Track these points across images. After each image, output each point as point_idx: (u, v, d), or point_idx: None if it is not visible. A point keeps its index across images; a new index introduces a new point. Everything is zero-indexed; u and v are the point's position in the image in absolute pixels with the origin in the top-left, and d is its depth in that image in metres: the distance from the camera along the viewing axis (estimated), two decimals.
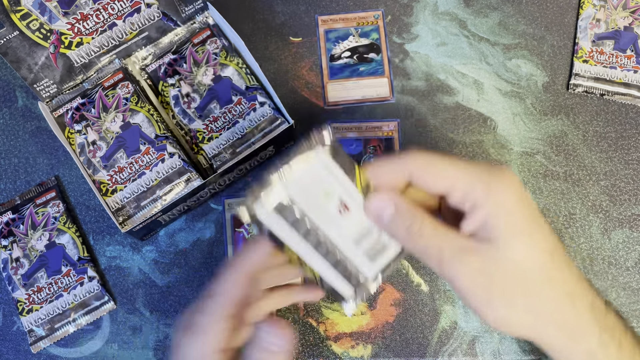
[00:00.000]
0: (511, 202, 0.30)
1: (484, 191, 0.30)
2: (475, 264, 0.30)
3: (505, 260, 0.30)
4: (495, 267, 0.30)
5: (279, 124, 0.47)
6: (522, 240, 0.30)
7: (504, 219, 0.30)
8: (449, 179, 0.31)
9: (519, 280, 0.30)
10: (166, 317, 0.45)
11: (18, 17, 0.44)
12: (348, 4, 0.55)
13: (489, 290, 0.30)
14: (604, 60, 0.51)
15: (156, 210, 0.45)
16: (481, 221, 0.30)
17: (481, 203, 0.30)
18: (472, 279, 0.30)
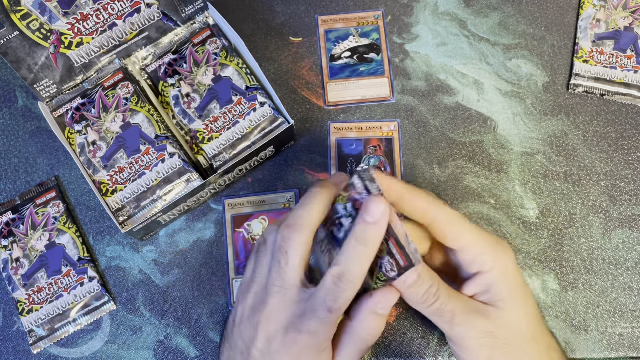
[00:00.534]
0: (511, 271, 0.36)
1: (492, 259, 0.35)
2: (482, 325, 0.35)
3: (506, 320, 0.35)
4: (497, 327, 0.35)
5: (279, 124, 0.47)
6: (519, 304, 0.36)
7: (508, 285, 0.35)
8: (466, 239, 0.35)
9: (515, 338, 0.35)
10: (166, 317, 0.45)
11: (18, 17, 0.44)
12: (348, 4, 0.55)
13: (492, 347, 0.35)
14: (604, 60, 0.51)
15: (156, 210, 0.45)
16: (487, 285, 0.35)
17: (488, 268, 0.35)
18: (478, 338, 0.35)
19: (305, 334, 0.33)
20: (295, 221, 0.34)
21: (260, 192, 0.49)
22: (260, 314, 0.34)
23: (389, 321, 0.45)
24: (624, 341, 0.44)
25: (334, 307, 0.32)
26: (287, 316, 0.33)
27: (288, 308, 0.33)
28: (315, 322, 0.32)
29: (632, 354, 0.44)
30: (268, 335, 0.34)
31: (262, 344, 0.34)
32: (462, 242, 0.35)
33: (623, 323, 0.44)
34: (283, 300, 0.34)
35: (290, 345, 0.33)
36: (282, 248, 0.34)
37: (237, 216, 0.48)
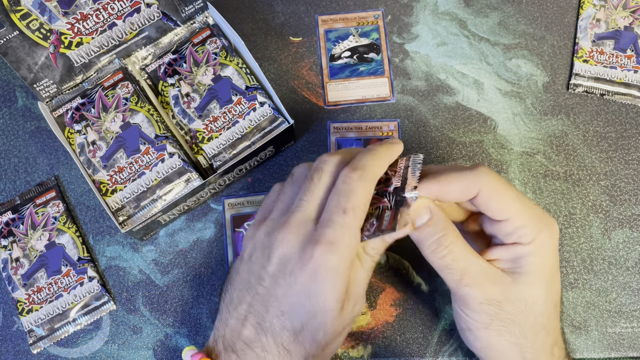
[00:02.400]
0: (548, 251, 0.34)
1: (534, 233, 0.33)
2: (491, 292, 0.33)
3: (520, 295, 0.33)
4: (506, 299, 0.33)
5: (279, 124, 0.47)
6: (542, 286, 0.33)
7: (538, 263, 0.33)
8: (510, 211, 0.33)
9: (522, 317, 0.33)
10: (166, 317, 0.45)
11: (18, 17, 0.44)
12: (348, 4, 0.55)
13: (494, 316, 0.33)
14: (604, 60, 0.51)
15: (156, 210, 0.45)
16: (517, 255, 0.33)
17: (527, 241, 0.33)
18: (483, 303, 0.33)
19: (323, 245, 0.30)
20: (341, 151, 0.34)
21: (260, 192, 0.49)
22: (276, 235, 0.32)
23: (389, 321, 0.45)
24: (624, 341, 0.44)
25: (347, 206, 0.30)
26: (306, 232, 0.31)
27: (308, 225, 0.31)
28: (331, 228, 0.30)
29: (632, 354, 0.44)
30: (283, 256, 0.31)
31: (275, 267, 0.31)
32: (507, 214, 0.33)
33: (623, 323, 0.44)
34: (304, 217, 0.31)
35: (307, 262, 0.30)
36: (319, 168, 0.33)
37: (237, 216, 0.48)
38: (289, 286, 0.31)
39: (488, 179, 0.33)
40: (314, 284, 0.30)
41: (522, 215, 0.33)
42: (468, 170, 0.33)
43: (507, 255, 0.34)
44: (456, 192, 0.33)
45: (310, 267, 0.30)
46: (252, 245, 0.34)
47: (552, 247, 0.34)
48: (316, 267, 0.30)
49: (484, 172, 0.33)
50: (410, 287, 0.46)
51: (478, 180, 0.33)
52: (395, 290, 0.45)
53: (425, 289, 0.45)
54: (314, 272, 0.30)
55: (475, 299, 0.33)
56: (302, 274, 0.30)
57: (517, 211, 0.33)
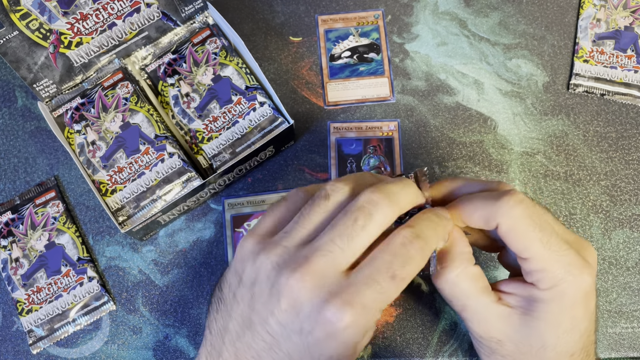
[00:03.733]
0: (570, 302, 0.31)
1: (553, 281, 0.30)
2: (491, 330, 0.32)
3: (525, 338, 0.31)
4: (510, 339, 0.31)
5: (278, 124, 0.47)
6: (554, 335, 0.31)
7: (554, 312, 0.31)
8: (531, 251, 0.30)
9: (526, 357, 0.32)
10: (166, 317, 0.45)
11: (17, 16, 0.43)
12: (348, 4, 0.55)
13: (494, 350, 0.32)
14: (605, 60, 0.51)
15: (156, 210, 0.45)
16: (532, 297, 0.31)
17: (544, 287, 0.31)
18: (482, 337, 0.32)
19: (356, 308, 0.26)
20: (390, 193, 0.28)
21: (260, 192, 0.49)
22: (290, 274, 0.26)
23: (389, 321, 0.45)
24: (624, 341, 0.44)
25: (399, 274, 0.26)
26: (332, 284, 0.26)
27: (336, 276, 0.26)
28: (372, 290, 0.26)
29: (632, 354, 0.43)
30: (296, 304, 0.26)
31: (286, 317, 0.27)
32: (527, 254, 0.30)
33: (623, 323, 0.44)
34: (333, 265, 0.27)
35: (328, 323, 0.26)
36: (367, 210, 0.27)
37: (237, 216, 0.48)
38: (304, 344, 0.27)
39: (510, 213, 0.30)
40: (334, 346, 0.27)
41: (543, 259, 0.30)
42: (492, 199, 0.31)
43: (522, 292, 0.32)
44: (479, 222, 0.31)
45: (328, 330, 0.26)
46: (255, 269, 0.28)
47: (576, 298, 0.30)
48: (339, 330, 0.26)
49: (507, 204, 0.30)
50: (410, 288, 0.45)
51: (498, 213, 0.30)
52: None
53: (425, 289, 0.45)
54: (335, 334, 0.26)
55: (475, 333, 0.32)
56: (320, 332, 0.26)
57: (538, 254, 0.30)
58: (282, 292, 0.27)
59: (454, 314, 0.45)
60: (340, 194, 0.29)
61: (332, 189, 0.29)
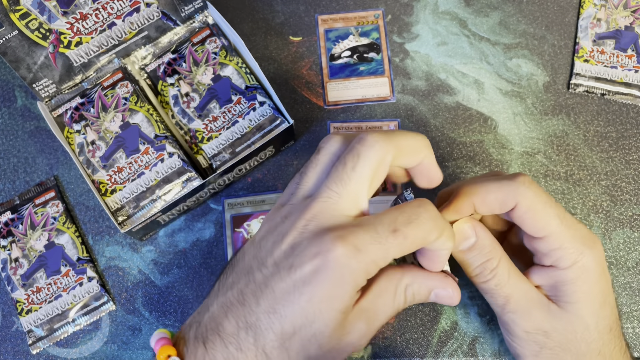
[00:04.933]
0: (594, 277, 0.31)
1: (573, 257, 0.30)
2: (538, 321, 0.31)
3: (568, 325, 0.31)
4: (554, 329, 0.31)
5: (278, 124, 0.47)
6: (591, 313, 0.31)
7: (582, 289, 0.31)
8: (548, 229, 0.30)
9: (572, 345, 0.31)
10: (166, 317, 0.45)
11: (17, 16, 0.43)
12: (348, 3, 0.55)
13: (542, 346, 0.31)
14: (605, 59, 0.51)
15: (155, 210, 0.45)
16: (557, 282, 0.31)
17: (565, 266, 0.31)
18: (529, 332, 0.31)
19: (347, 245, 0.25)
20: (385, 133, 0.28)
21: (260, 192, 0.49)
22: (295, 220, 0.27)
23: (389, 321, 0.45)
24: None
25: (402, 230, 0.25)
26: (333, 224, 0.26)
27: (335, 218, 0.26)
28: (369, 236, 0.25)
29: (633, 354, 0.43)
30: (294, 243, 0.26)
31: (281, 254, 0.26)
32: (544, 232, 0.31)
33: (623, 323, 0.44)
34: (334, 209, 0.26)
35: (319, 255, 0.25)
36: (355, 150, 0.27)
37: (236, 216, 0.48)
38: (291, 280, 0.26)
39: (527, 192, 0.30)
40: (320, 282, 0.25)
41: (560, 235, 0.30)
42: (507, 180, 0.31)
43: (547, 281, 0.32)
44: (493, 205, 0.31)
45: (320, 261, 0.25)
46: (267, 228, 0.29)
47: (598, 271, 0.31)
48: (328, 263, 0.25)
49: (523, 184, 0.30)
50: None
51: (516, 192, 0.30)
52: None
53: None
54: (323, 268, 0.25)
55: (521, 327, 0.32)
56: (310, 264, 0.25)
57: (556, 230, 0.30)
58: (285, 236, 0.27)
59: (454, 314, 0.45)
60: (332, 145, 0.29)
61: (323, 142, 0.30)
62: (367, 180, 0.27)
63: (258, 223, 0.47)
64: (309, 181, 0.29)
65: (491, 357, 0.43)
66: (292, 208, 0.28)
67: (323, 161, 0.29)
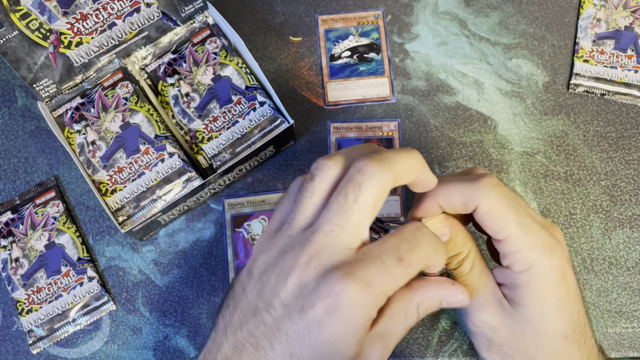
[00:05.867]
0: (549, 283, 0.31)
1: (528, 262, 0.31)
2: (488, 315, 0.32)
3: (516, 325, 0.32)
4: (503, 325, 0.32)
5: (278, 124, 0.47)
6: (542, 318, 0.31)
7: (537, 296, 0.31)
8: (505, 233, 0.31)
9: (521, 344, 0.33)
10: (166, 317, 0.45)
11: (17, 16, 0.43)
12: (348, 4, 0.55)
13: (490, 340, 0.32)
14: (605, 60, 0.51)
15: (156, 210, 0.45)
16: (512, 283, 0.32)
17: (519, 270, 0.31)
18: (477, 326, 0.32)
19: (357, 282, 0.25)
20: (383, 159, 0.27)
21: (260, 192, 0.49)
22: (295, 257, 0.26)
23: None
24: (624, 341, 0.44)
25: (407, 258, 0.26)
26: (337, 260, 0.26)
27: (339, 253, 0.26)
28: (377, 269, 0.25)
29: (632, 354, 0.43)
30: (301, 283, 0.26)
31: (290, 296, 0.26)
32: (503, 235, 0.31)
33: (623, 323, 0.44)
34: (336, 243, 0.26)
35: (330, 295, 0.25)
36: (356, 181, 0.26)
37: (237, 216, 0.48)
38: (304, 323, 0.25)
39: (489, 194, 0.30)
40: (334, 323, 0.25)
41: (518, 240, 0.30)
42: (470, 182, 0.31)
43: (505, 280, 0.32)
44: (457, 205, 0.31)
45: (332, 302, 0.25)
46: (265, 261, 0.28)
47: (554, 278, 0.31)
48: (341, 303, 0.25)
49: (485, 187, 0.30)
50: None
51: (477, 194, 0.30)
52: None
53: None
54: (336, 309, 0.25)
55: (471, 319, 0.33)
56: (321, 305, 0.25)
57: (514, 234, 0.30)
58: (288, 275, 0.26)
59: (454, 314, 0.45)
60: (327, 171, 0.28)
61: (316, 169, 0.29)
62: (369, 210, 0.27)
63: (258, 223, 0.47)
64: (306, 211, 0.28)
65: None
66: (290, 241, 0.28)
67: (319, 189, 0.28)
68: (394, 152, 0.29)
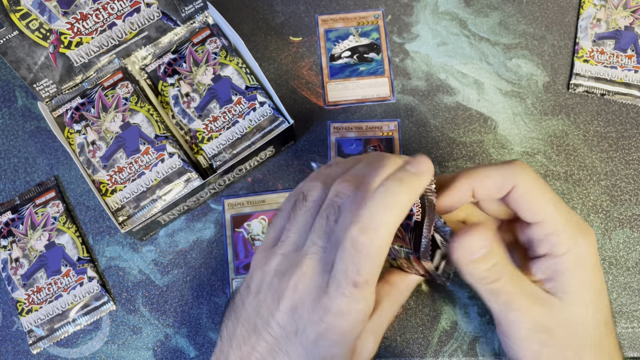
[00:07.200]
0: (588, 263, 0.31)
1: (569, 242, 0.30)
2: (540, 317, 0.30)
3: (567, 317, 0.31)
4: (557, 324, 0.30)
5: (278, 124, 0.47)
6: (589, 304, 0.31)
7: (580, 278, 0.31)
8: (543, 213, 0.30)
9: (573, 341, 0.31)
10: (166, 317, 0.45)
11: (17, 16, 0.43)
12: (348, 4, 0.55)
13: (544, 344, 0.31)
14: (605, 60, 0.51)
15: (156, 210, 0.45)
16: (555, 272, 0.31)
17: (561, 252, 0.30)
18: (531, 330, 0.31)
19: (336, 316, 0.27)
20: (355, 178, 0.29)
21: (260, 192, 0.49)
22: (288, 280, 0.29)
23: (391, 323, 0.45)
24: (624, 341, 0.44)
25: (358, 280, 0.26)
26: (320, 285, 0.28)
27: (324, 273, 0.28)
28: (345, 299, 0.27)
29: (633, 354, 0.43)
30: (293, 306, 0.28)
31: (285, 318, 0.29)
32: (540, 216, 0.30)
33: (623, 323, 0.44)
34: (320, 265, 0.28)
35: (319, 323, 0.28)
36: (335, 204, 0.29)
37: (237, 216, 0.48)
38: (301, 344, 0.28)
39: (525, 175, 0.31)
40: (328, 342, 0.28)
41: (556, 219, 0.30)
42: (504, 164, 0.31)
43: (545, 272, 0.31)
44: (491, 188, 0.31)
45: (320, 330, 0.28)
46: (261, 278, 0.30)
47: (593, 259, 0.31)
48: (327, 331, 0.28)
49: (521, 167, 0.31)
50: None
51: (514, 175, 0.31)
52: None
53: (425, 289, 0.45)
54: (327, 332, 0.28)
55: (525, 326, 0.31)
56: (314, 331, 0.28)
57: (552, 214, 0.30)
58: (281, 297, 0.29)
59: (454, 314, 0.45)
60: (315, 192, 0.31)
61: (307, 189, 0.31)
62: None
63: (258, 223, 0.47)
64: (298, 229, 0.30)
65: (491, 357, 0.43)
66: (284, 260, 0.30)
67: (310, 208, 0.31)
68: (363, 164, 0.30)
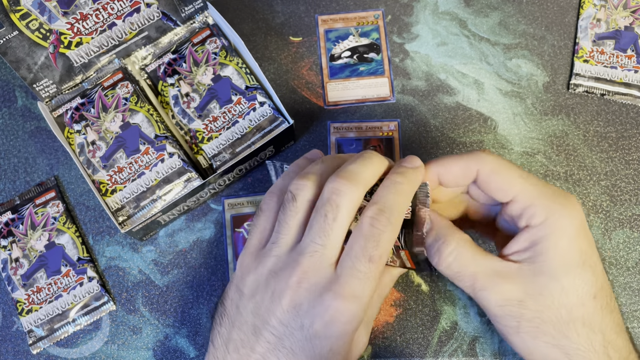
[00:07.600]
0: (570, 233, 0.30)
1: (545, 213, 0.30)
2: (507, 291, 0.30)
3: (542, 288, 0.29)
4: (529, 295, 0.29)
5: (278, 124, 0.47)
6: (569, 274, 0.29)
7: (559, 246, 0.29)
8: (514, 189, 0.30)
9: (551, 311, 0.29)
10: (166, 318, 0.45)
11: (17, 16, 0.43)
12: (348, 4, 0.55)
13: (520, 318, 0.30)
14: (605, 60, 0.51)
15: (156, 210, 0.45)
16: (531, 242, 0.30)
17: (538, 222, 0.30)
18: (503, 305, 0.30)
19: (347, 299, 0.28)
20: (351, 175, 0.30)
21: (260, 192, 0.49)
22: (287, 279, 0.29)
23: (389, 321, 0.45)
24: None
25: (375, 254, 0.28)
26: (323, 280, 0.29)
27: (326, 271, 0.29)
28: (357, 279, 0.28)
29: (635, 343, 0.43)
30: (295, 304, 0.29)
31: (287, 316, 0.29)
32: (511, 193, 0.31)
33: None
34: (321, 262, 0.29)
35: (325, 313, 0.28)
36: (333, 201, 0.29)
37: (237, 216, 0.48)
38: (305, 338, 0.29)
39: (487, 158, 0.31)
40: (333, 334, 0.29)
41: (527, 193, 0.30)
42: (468, 152, 0.32)
43: (522, 244, 0.30)
44: (457, 174, 0.32)
45: (328, 319, 0.28)
46: (255, 280, 0.31)
47: (574, 228, 0.29)
48: (336, 319, 0.28)
49: (483, 153, 0.32)
50: (410, 288, 0.45)
51: (477, 159, 0.31)
52: (395, 290, 0.45)
53: (425, 289, 0.45)
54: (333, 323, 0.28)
55: (494, 302, 0.30)
56: (319, 322, 0.28)
57: (522, 189, 0.30)
58: (282, 296, 0.29)
59: (454, 314, 0.45)
60: (307, 191, 0.31)
61: (296, 189, 0.31)
62: (347, 225, 0.30)
63: None
64: (290, 230, 0.31)
65: (491, 357, 0.43)
66: (279, 261, 0.30)
67: (302, 209, 0.31)
68: (358, 163, 0.31)
